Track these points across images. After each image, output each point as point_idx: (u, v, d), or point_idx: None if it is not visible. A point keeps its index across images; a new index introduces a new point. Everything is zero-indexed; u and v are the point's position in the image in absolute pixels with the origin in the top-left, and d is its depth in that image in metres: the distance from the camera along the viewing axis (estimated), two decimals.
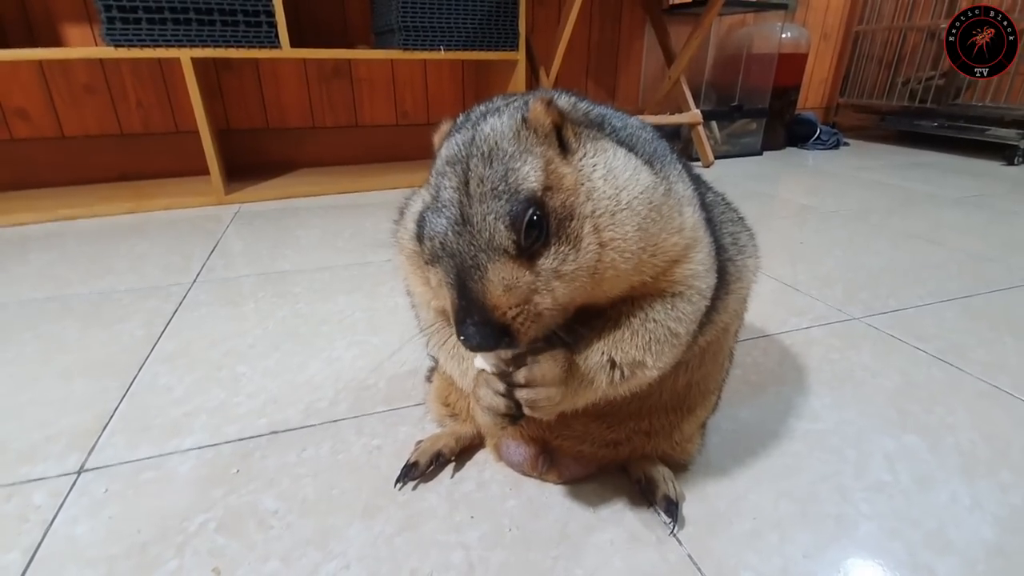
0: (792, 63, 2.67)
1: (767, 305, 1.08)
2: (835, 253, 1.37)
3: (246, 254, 1.36)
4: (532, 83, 2.20)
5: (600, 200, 0.41)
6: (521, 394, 0.46)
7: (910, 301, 1.09)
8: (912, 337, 0.95)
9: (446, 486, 0.63)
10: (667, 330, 0.46)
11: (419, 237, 0.43)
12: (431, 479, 0.64)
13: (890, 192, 2.00)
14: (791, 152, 2.81)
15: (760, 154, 2.69)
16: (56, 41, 1.81)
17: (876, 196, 1.94)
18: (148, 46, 1.56)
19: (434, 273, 0.42)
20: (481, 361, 0.48)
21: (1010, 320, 1.02)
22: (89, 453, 0.68)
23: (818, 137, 2.85)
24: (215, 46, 1.61)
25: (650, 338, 0.46)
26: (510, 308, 0.39)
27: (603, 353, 0.46)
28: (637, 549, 0.54)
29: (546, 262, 0.40)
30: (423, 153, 0.51)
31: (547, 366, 0.45)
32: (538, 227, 0.39)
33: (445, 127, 0.48)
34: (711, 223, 0.51)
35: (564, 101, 0.47)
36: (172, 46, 1.58)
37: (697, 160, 2.45)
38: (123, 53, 1.55)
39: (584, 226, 0.41)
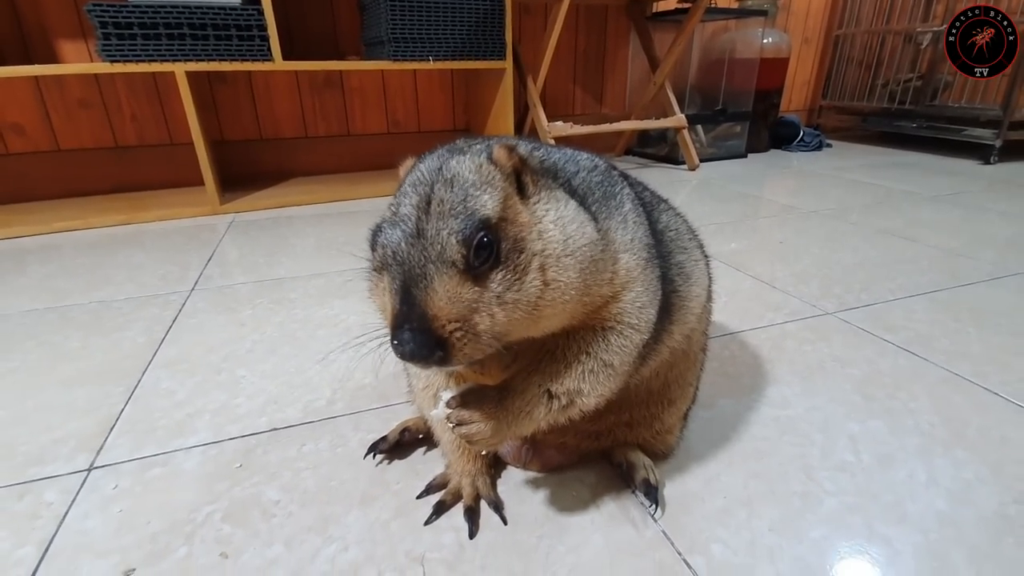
0: (774, 67, 2.74)
1: (746, 302, 1.12)
2: (812, 251, 1.42)
3: (242, 263, 1.39)
4: (520, 90, 2.25)
5: (549, 242, 0.43)
6: (458, 430, 0.50)
7: (881, 295, 1.14)
8: (881, 329, 1.00)
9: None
10: (601, 362, 0.50)
11: (372, 245, 0.46)
12: (405, 456, 0.69)
13: (869, 191, 2.06)
14: (775, 154, 2.87)
15: (745, 156, 2.75)
16: (51, 57, 1.84)
17: (855, 195, 2.00)
18: (143, 61, 1.59)
19: (380, 280, 0.45)
20: (439, 410, 0.51)
21: (974, 312, 1.07)
22: (97, 453, 0.71)
23: (801, 139, 2.92)
24: (209, 60, 1.65)
25: (583, 369, 0.50)
26: (449, 322, 0.40)
27: (539, 385, 0.50)
28: (616, 527, 0.58)
29: (492, 285, 0.41)
30: None
31: (472, 410, 0.49)
32: (488, 249, 0.41)
33: (410, 162, 0.51)
34: (658, 256, 0.53)
35: (523, 148, 0.49)
36: (167, 61, 1.61)
37: (683, 163, 2.50)
38: (118, 68, 1.59)
39: (532, 262, 0.42)
